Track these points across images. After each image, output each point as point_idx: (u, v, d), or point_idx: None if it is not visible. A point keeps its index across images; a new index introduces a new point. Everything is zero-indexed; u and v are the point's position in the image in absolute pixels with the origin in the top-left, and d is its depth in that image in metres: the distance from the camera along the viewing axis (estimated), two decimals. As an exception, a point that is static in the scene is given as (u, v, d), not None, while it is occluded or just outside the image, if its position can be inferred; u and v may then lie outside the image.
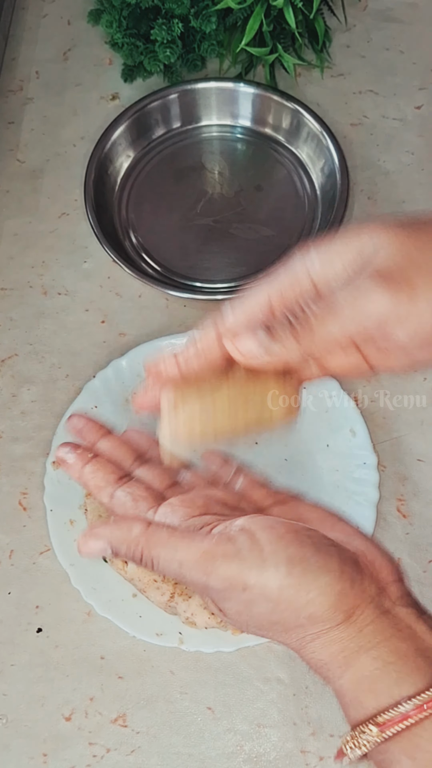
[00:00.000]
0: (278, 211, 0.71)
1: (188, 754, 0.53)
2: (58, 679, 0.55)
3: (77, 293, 0.69)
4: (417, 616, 0.37)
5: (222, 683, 0.55)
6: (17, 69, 0.79)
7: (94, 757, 0.53)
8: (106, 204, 0.71)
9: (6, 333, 0.67)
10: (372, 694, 0.35)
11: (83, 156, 0.73)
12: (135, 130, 0.73)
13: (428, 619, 0.37)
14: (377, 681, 0.35)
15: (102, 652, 0.56)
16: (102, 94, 0.78)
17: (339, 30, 0.80)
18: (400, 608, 0.37)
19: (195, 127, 0.75)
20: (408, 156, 0.74)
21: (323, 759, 0.52)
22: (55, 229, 0.71)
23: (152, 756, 0.53)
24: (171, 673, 0.55)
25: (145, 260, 0.69)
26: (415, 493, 0.60)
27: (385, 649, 0.36)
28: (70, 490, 0.59)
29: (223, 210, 0.71)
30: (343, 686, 0.36)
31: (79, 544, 0.39)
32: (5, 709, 0.55)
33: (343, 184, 0.69)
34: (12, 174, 0.74)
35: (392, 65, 0.78)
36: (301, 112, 0.72)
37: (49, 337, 0.67)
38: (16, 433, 0.63)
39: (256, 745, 0.53)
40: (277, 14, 0.71)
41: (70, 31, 0.81)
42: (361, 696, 0.36)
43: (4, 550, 0.59)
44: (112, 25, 0.72)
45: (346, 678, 0.36)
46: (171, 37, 0.71)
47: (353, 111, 0.76)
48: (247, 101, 0.74)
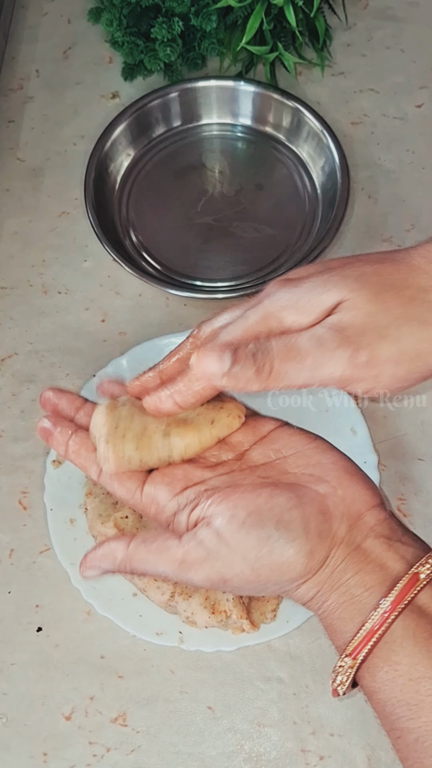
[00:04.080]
0: (279, 210, 0.71)
1: (188, 754, 0.53)
2: (58, 679, 0.55)
3: (77, 292, 0.69)
4: (388, 545, 0.39)
5: (222, 683, 0.55)
6: (17, 67, 0.79)
7: (94, 757, 0.53)
8: (106, 203, 0.71)
9: (6, 332, 0.67)
10: (342, 623, 0.39)
11: (83, 155, 0.73)
12: (135, 129, 0.73)
13: (399, 547, 0.40)
14: (344, 612, 0.39)
15: (102, 652, 0.56)
16: (102, 92, 0.78)
17: (340, 28, 0.79)
18: (371, 540, 0.40)
19: (195, 126, 0.75)
20: (409, 155, 0.74)
21: (323, 758, 0.52)
22: (55, 228, 0.71)
23: (152, 755, 0.53)
24: (171, 672, 0.55)
25: (146, 259, 0.69)
26: (415, 493, 0.60)
27: (353, 582, 0.39)
28: (70, 489, 0.59)
29: (224, 209, 0.71)
30: (321, 622, 0.40)
31: (80, 572, 0.43)
32: (5, 708, 0.55)
33: (344, 183, 0.69)
34: (12, 172, 0.74)
35: (393, 64, 0.78)
36: (302, 111, 0.72)
37: (49, 336, 0.67)
38: (16, 433, 0.63)
39: (256, 745, 0.53)
40: (277, 13, 0.71)
41: (70, 29, 0.81)
42: (336, 627, 0.39)
43: (4, 549, 0.59)
44: (113, 24, 0.72)
45: (321, 613, 0.40)
46: (171, 36, 0.71)
47: (354, 110, 0.76)
48: (247, 100, 0.74)
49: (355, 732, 0.53)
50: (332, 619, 0.39)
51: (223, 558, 0.39)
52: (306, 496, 0.40)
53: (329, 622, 0.40)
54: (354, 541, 0.39)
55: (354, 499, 0.41)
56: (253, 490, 0.40)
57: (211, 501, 0.40)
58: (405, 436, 0.62)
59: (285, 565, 0.38)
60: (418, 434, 0.62)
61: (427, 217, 0.71)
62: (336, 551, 0.39)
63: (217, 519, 0.39)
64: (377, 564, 0.39)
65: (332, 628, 0.40)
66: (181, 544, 0.40)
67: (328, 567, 0.39)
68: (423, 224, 0.70)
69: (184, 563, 0.40)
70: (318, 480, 0.41)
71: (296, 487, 0.41)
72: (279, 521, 0.39)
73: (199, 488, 0.42)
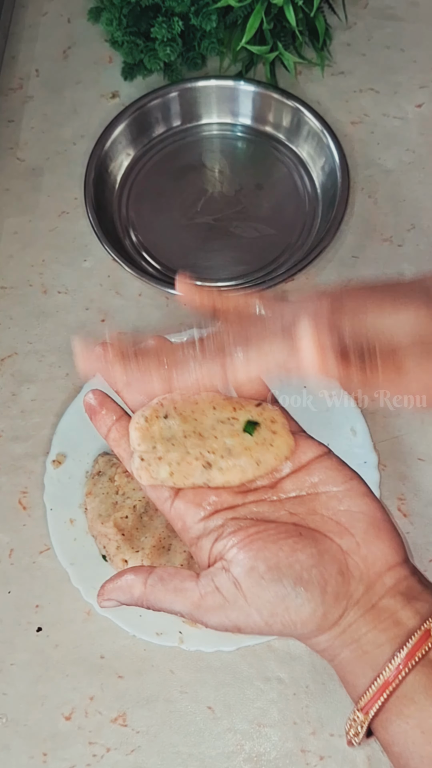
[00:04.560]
0: (279, 210, 0.71)
1: (188, 754, 0.53)
2: (57, 679, 0.55)
3: (77, 292, 0.68)
4: (404, 602, 0.39)
5: (222, 683, 0.55)
6: (17, 67, 0.79)
7: (93, 757, 0.53)
8: (106, 202, 0.71)
9: (6, 332, 0.67)
10: (354, 677, 0.39)
11: (83, 154, 0.73)
12: (135, 129, 0.73)
13: (415, 603, 0.39)
14: (357, 666, 0.39)
15: (102, 652, 0.56)
16: (102, 92, 0.78)
17: (339, 28, 0.79)
18: (387, 599, 0.39)
19: (195, 126, 0.75)
20: (409, 154, 0.74)
21: (323, 758, 0.52)
22: (55, 228, 0.71)
23: (152, 755, 0.53)
24: (171, 672, 0.55)
25: (145, 259, 0.69)
26: (415, 492, 0.60)
27: (366, 639, 0.39)
28: (70, 489, 0.59)
29: (224, 208, 0.71)
30: (336, 671, 0.40)
31: (98, 602, 0.43)
32: (5, 708, 0.55)
33: (344, 183, 0.69)
34: (12, 172, 0.74)
35: (393, 63, 0.78)
36: (302, 111, 0.72)
37: (48, 336, 0.67)
38: (15, 432, 0.63)
39: (256, 745, 0.53)
40: (277, 12, 0.71)
41: (70, 29, 0.81)
42: (348, 680, 0.39)
43: (4, 549, 0.59)
44: (112, 23, 0.72)
45: (335, 665, 0.40)
46: (171, 35, 0.71)
47: (354, 109, 0.76)
48: (247, 99, 0.74)
49: (355, 732, 0.53)
50: (345, 672, 0.40)
51: (238, 609, 0.39)
52: (328, 552, 0.40)
53: (342, 675, 0.40)
54: (370, 602, 0.39)
55: (376, 559, 0.40)
56: (276, 541, 0.40)
57: (235, 542, 0.40)
58: (405, 436, 0.62)
59: (298, 623, 0.39)
60: (418, 434, 0.62)
61: (427, 217, 0.71)
62: (350, 611, 0.39)
63: (236, 568, 0.39)
64: (392, 621, 0.39)
65: (345, 681, 0.40)
66: (197, 587, 0.40)
67: (340, 626, 0.39)
68: (423, 224, 0.70)
69: (199, 607, 0.40)
70: (343, 532, 0.41)
71: (319, 540, 0.40)
72: (298, 579, 0.39)
73: (227, 515, 0.42)
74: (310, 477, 0.43)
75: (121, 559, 0.55)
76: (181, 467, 0.41)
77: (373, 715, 0.38)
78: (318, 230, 0.69)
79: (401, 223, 0.70)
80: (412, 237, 0.70)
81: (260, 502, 0.42)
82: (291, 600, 0.38)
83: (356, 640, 0.39)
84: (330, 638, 0.39)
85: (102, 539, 0.56)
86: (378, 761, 0.52)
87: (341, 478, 0.42)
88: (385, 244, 0.69)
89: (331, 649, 0.39)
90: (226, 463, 0.42)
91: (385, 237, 0.70)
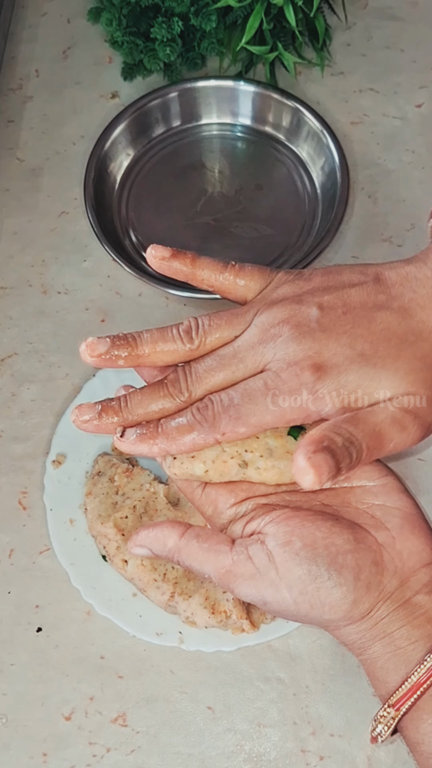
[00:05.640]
0: (278, 210, 0.71)
1: (188, 754, 0.53)
2: (57, 679, 0.55)
3: (77, 292, 0.68)
4: None
5: (222, 683, 0.55)
6: (17, 67, 0.79)
7: (93, 757, 0.53)
8: (105, 202, 0.71)
9: (5, 332, 0.67)
10: (385, 674, 0.38)
11: (83, 154, 0.73)
12: (135, 129, 0.73)
13: None
14: (388, 662, 0.38)
15: (102, 652, 0.56)
16: (102, 92, 0.78)
17: (339, 28, 0.79)
18: (421, 596, 0.39)
19: (195, 126, 0.75)
20: (409, 154, 0.74)
21: (323, 758, 0.52)
22: (54, 228, 0.71)
23: (152, 756, 0.53)
24: (171, 672, 0.55)
25: (145, 259, 0.69)
26: (415, 493, 0.60)
27: (398, 634, 0.38)
28: (69, 489, 0.59)
29: (224, 209, 0.71)
30: (363, 666, 0.40)
31: (128, 546, 0.43)
32: (5, 708, 0.54)
33: (344, 183, 0.69)
34: (11, 172, 0.74)
35: (393, 64, 0.78)
36: (302, 111, 0.72)
37: (48, 336, 0.67)
38: (15, 433, 0.63)
39: (256, 745, 0.53)
40: (277, 12, 0.71)
41: (69, 29, 0.81)
42: (378, 676, 0.39)
43: (4, 550, 0.59)
44: (112, 24, 0.72)
45: (364, 659, 0.39)
46: (171, 36, 0.71)
47: (354, 109, 0.76)
48: (247, 100, 0.74)
49: (355, 732, 0.53)
50: (375, 668, 0.39)
51: (268, 581, 0.38)
52: (364, 542, 0.39)
53: (371, 670, 0.39)
54: (403, 597, 0.39)
55: (411, 554, 0.40)
56: (314, 521, 0.39)
57: (270, 518, 0.40)
58: (405, 436, 0.62)
59: (327, 606, 0.38)
60: (418, 434, 0.62)
61: (427, 217, 0.70)
62: (382, 605, 0.39)
63: (271, 540, 0.39)
64: (426, 618, 0.38)
65: (374, 676, 0.39)
66: (231, 553, 0.39)
67: (371, 619, 0.38)
68: (423, 224, 0.70)
69: (230, 573, 0.39)
70: (378, 526, 0.40)
71: (356, 529, 0.40)
72: (332, 562, 0.38)
73: (260, 501, 0.41)
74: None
75: (121, 559, 0.55)
76: (216, 465, 0.41)
77: (404, 712, 0.37)
78: (318, 230, 0.69)
79: (401, 223, 0.70)
80: (412, 237, 0.70)
81: (293, 492, 0.42)
82: (323, 581, 0.38)
83: (388, 634, 0.38)
84: (361, 630, 0.39)
85: (102, 539, 0.56)
86: (378, 761, 0.52)
87: (377, 474, 0.42)
88: (385, 244, 0.69)
89: (360, 642, 0.39)
90: (264, 464, 0.41)
91: (385, 237, 0.70)
